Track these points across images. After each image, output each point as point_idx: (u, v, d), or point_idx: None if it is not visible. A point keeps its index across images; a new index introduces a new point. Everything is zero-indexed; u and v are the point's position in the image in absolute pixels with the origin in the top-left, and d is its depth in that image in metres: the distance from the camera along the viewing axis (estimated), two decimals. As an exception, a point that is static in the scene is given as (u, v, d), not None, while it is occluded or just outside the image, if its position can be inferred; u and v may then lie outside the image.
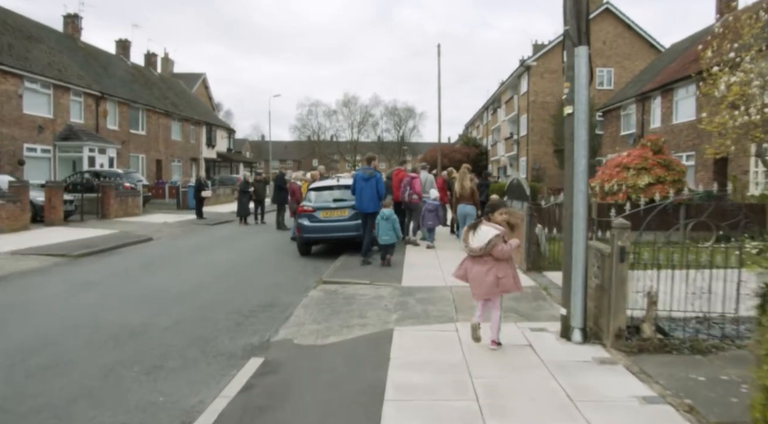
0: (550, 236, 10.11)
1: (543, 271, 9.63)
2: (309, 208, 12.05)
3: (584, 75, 5.60)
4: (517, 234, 10.38)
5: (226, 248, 14.11)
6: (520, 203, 10.91)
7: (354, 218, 11.84)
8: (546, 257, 9.88)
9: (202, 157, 46.00)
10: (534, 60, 37.00)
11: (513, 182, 12.03)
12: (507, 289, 5.46)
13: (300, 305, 7.61)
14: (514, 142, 42.37)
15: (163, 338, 6.26)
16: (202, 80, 58.99)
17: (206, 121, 46.59)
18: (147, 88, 39.20)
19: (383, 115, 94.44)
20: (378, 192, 10.93)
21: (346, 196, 12.28)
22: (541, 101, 37.10)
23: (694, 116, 22.03)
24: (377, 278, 9.30)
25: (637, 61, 36.28)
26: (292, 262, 11.82)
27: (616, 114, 30.07)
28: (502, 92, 47.94)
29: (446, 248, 12.87)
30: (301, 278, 9.90)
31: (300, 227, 12.10)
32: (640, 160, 13.11)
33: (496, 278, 5.37)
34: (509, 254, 5.40)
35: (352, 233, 11.87)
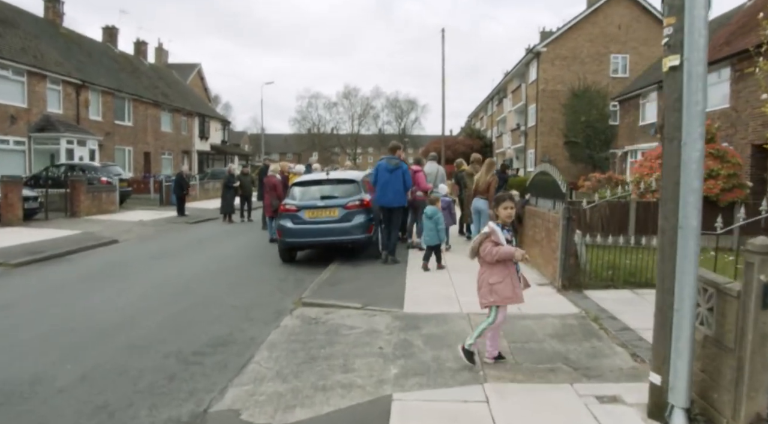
0: (589, 243, 8.06)
1: (583, 289, 7.60)
2: (292, 207, 10.03)
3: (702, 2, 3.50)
4: (546, 241, 8.36)
5: (198, 253, 12.10)
6: (551, 202, 8.87)
7: (346, 219, 9.84)
8: (586, 272, 7.85)
9: (194, 150, 43.98)
10: (544, 46, 34.84)
11: (540, 175, 10.02)
12: (504, 298, 4.73)
13: (265, 344, 5.60)
14: (522, 134, 40.27)
15: (45, 408, 4.25)
16: (197, 71, 56.86)
17: (199, 112, 44.53)
18: (135, 77, 37.14)
19: (384, 107, 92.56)
20: (405, 184, 9.92)
21: (337, 192, 10.27)
22: (551, 90, 34.96)
23: (727, 103, 19.94)
24: (372, 298, 7.28)
25: (654, 46, 34.02)
26: (271, 272, 9.81)
27: (635, 103, 27.95)
28: (508, 81, 45.78)
29: (456, 252, 10.86)
30: (277, 297, 7.89)
31: (281, 230, 10.09)
32: (686, 150, 11.06)
33: (488, 285, 4.78)
34: (494, 257, 4.66)
35: (343, 237, 9.87)
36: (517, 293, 4.77)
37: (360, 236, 9.89)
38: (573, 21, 34.46)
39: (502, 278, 4.70)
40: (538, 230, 9.14)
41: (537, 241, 9.19)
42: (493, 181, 10.42)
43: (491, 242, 4.69)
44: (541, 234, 8.81)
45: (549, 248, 8.31)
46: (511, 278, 4.73)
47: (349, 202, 9.94)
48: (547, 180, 10.06)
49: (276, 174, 12.99)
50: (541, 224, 8.84)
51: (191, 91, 48.61)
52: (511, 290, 4.71)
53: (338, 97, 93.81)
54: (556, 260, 7.88)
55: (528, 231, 9.96)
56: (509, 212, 4.80)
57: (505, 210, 4.78)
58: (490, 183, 10.37)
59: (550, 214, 8.40)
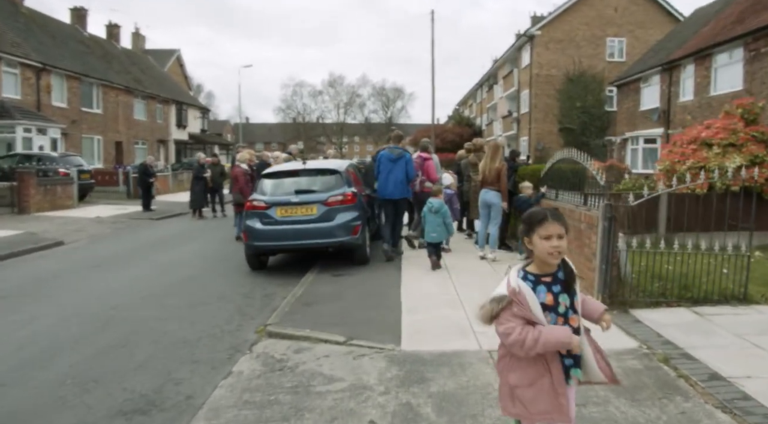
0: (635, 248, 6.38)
1: (629, 308, 5.96)
2: (260, 203, 8.26)
3: None
4: (576, 247, 6.69)
5: (151, 258, 10.26)
6: (577, 196, 7.18)
7: (327, 218, 8.11)
8: (630, 285, 6.19)
9: (171, 139, 41.83)
10: (538, 29, 33.13)
11: (560, 163, 8.34)
12: (537, 413, 2.47)
13: (205, 409, 3.87)
14: (514, 121, 38.64)
15: None
16: (176, 57, 54.31)
17: (176, 99, 42.32)
18: (106, 61, 34.87)
19: (371, 95, 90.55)
20: (407, 175, 9.06)
21: (316, 185, 8.52)
22: (545, 74, 33.30)
23: (740, 85, 18.40)
24: (359, 326, 5.57)
25: (651, 29, 32.57)
26: (235, 284, 8.05)
27: (635, 87, 26.38)
28: (499, 67, 44.06)
29: (458, 252, 9.17)
30: (237, 322, 6.15)
31: (247, 232, 8.32)
32: (726, 134, 9.43)
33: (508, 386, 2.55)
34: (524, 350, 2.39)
35: (323, 239, 8.14)
36: (562, 407, 2.46)
37: (344, 239, 8.17)
38: (568, 3, 32.78)
39: (533, 379, 2.48)
40: (561, 230, 7.45)
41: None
42: (503, 168, 8.72)
43: (516, 318, 2.43)
44: (569, 235, 7.12)
45: (580, 254, 6.64)
46: (551, 378, 2.47)
47: (331, 197, 8.20)
48: (573, 169, 8.39)
49: (242, 164, 11.14)
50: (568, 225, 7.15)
51: (168, 78, 46.28)
52: (550, 400, 2.46)
53: (323, 86, 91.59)
54: (593, 271, 6.22)
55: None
56: (555, 246, 2.49)
57: (546, 241, 2.49)
58: (500, 170, 8.66)
59: (581, 211, 6.72)
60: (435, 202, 8.43)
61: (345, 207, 8.21)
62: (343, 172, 8.59)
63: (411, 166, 9.06)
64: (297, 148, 13.84)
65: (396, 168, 8.90)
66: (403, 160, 8.94)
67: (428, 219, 8.35)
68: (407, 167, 8.95)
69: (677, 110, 22.43)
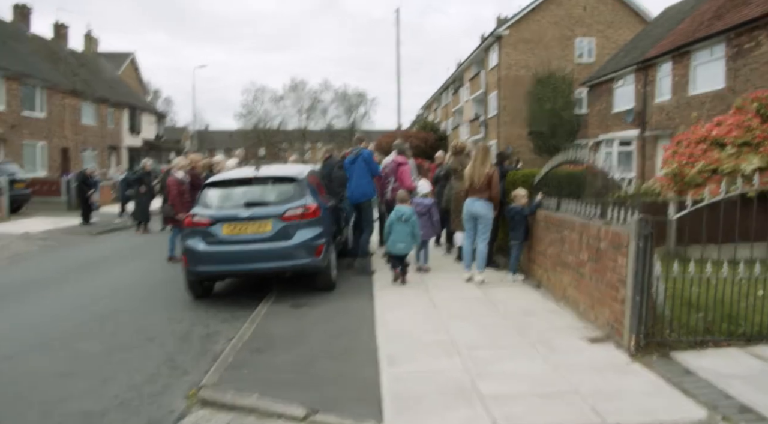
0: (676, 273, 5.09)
1: (670, 350, 4.68)
2: (203, 219, 6.75)
3: None
4: (594, 269, 5.42)
5: (74, 284, 8.57)
6: (593, 206, 5.87)
7: (283, 236, 6.66)
8: (667, 319, 4.92)
9: (123, 146, 39.50)
10: (506, 28, 32.24)
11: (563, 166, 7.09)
12: None
13: None
14: (481, 124, 37.67)
15: None
16: (131, 60, 51.77)
17: (129, 103, 40.01)
18: (51, 62, 32.47)
19: (333, 101, 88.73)
20: (371, 173, 8.44)
21: (270, 196, 7.05)
22: (514, 76, 32.41)
23: (722, 84, 17.65)
24: (324, 387, 4.15)
25: (620, 30, 32.08)
26: (169, 319, 6.50)
27: (607, 88, 25.63)
28: (465, 69, 43.15)
29: (440, 272, 7.81)
30: (161, 380, 4.64)
31: (187, 255, 6.79)
32: (740, 132, 8.34)
33: None
34: None
35: (279, 263, 6.68)
36: None
37: (305, 261, 6.72)
38: (537, 1, 32.00)
39: None
40: (569, 247, 6.18)
41: (567, 264, 6.24)
42: (494, 173, 7.42)
43: None
44: (580, 256, 5.85)
45: (600, 281, 5.35)
46: None
47: (288, 210, 6.74)
48: (570, 173, 7.15)
49: (178, 172, 9.50)
50: (579, 241, 5.88)
51: (121, 82, 43.85)
52: None
53: (285, 91, 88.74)
54: (618, 303, 4.93)
55: (546, 248, 7.00)
56: None
57: None
58: (491, 176, 7.36)
59: (599, 227, 5.43)
60: (405, 210, 7.56)
61: (306, 223, 6.77)
62: (304, 180, 7.15)
63: (372, 163, 8.44)
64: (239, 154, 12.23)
65: (355, 169, 8.33)
66: (360, 158, 8.32)
67: (395, 228, 7.50)
68: (367, 165, 8.32)
69: (654, 111, 21.68)
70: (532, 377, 4.29)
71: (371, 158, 8.40)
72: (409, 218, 7.57)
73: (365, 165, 8.28)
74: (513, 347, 5.00)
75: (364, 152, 8.35)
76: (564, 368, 4.43)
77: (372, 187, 8.44)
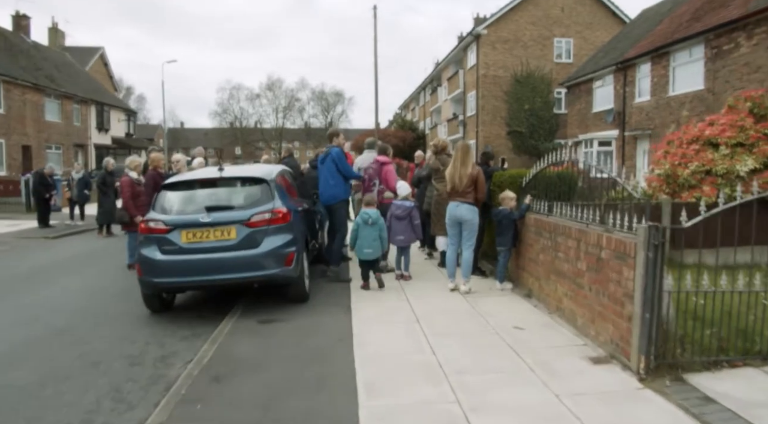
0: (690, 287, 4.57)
1: (682, 372, 4.17)
2: (159, 225, 6.05)
3: None
4: (594, 280, 4.90)
5: (19, 297, 7.71)
6: (592, 210, 5.33)
7: (249, 244, 6.00)
8: (678, 336, 4.40)
9: (91, 143, 38.11)
10: (484, 27, 31.87)
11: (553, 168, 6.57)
12: None
13: None
14: (460, 124, 37.29)
15: None
16: (100, 55, 50.12)
17: (96, 100, 38.62)
18: (10, 55, 31.07)
19: (310, 100, 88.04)
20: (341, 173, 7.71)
21: (235, 199, 6.37)
22: (492, 75, 32.05)
23: (702, 85, 17.44)
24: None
25: (598, 31, 31.96)
26: (120, 339, 5.78)
27: (586, 88, 25.40)
28: (443, 69, 42.76)
29: (422, 281, 7.23)
30: (104, 417, 3.96)
31: (142, 265, 6.08)
32: (734, 132, 7.93)
33: None
34: None
35: (245, 273, 6.01)
36: None
37: (274, 271, 6.07)
38: (515, 1, 31.70)
39: None
40: (564, 255, 5.65)
41: (563, 273, 5.70)
42: (479, 174, 6.87)
43: None
44: (578, 265, 5.31)
45: (602, 294, 4.82)
46: None
47: (255, 215, 6.08)
48: (561, 174, 6.62)
49: (131, 172, 8.73)
50: (577, 248, 5.34)
51: (89, 77, 42.37)
52: None
53: (261, 89, 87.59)
54: (626, 320, 4.40)
55: (537, 254, 6.46)
56: None
57: None
58: (476, 177, 6.80)
59: (599, 233, 4.90)
60: (372, 213, 7.19)
61: (275, 228, 6.11)
62: (273, 181, 6.48)
63: (341, 162, 7.71)
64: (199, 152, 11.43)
65: (324, 169, 7.73)
66: (329, 157, 7.70)
67: (361, 232, 7.15)
68: (336, 164, 7.65)
69: (633, 111, 21.45)
70: (533, 408, 3.73)
71: (341, 157, 7.71)
72: (376, 221, 7.15)
73: (334, 165, 7.64)
74: (508, 370, 4.44)
75: (332, 151, 7.69)
76: (567, 397, 3.88)
77: (343, 188, 7.77)
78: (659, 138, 19.63)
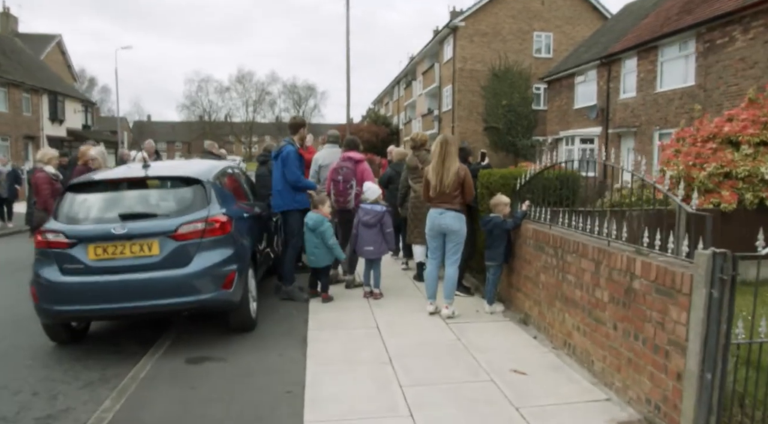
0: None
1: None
2: (59, 238, 4.68)
3: None
4: (621, 314, 3.71)
5: None
6: (612, 222, 4.16)
7: (176, 262, 4.68)
8: (738, 396, 3.25)
9: (43, 135, 35.87)
10: (462, 20, 30.76)
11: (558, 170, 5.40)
12: None
13: None
14: (435, 119, 36.19)
15: None
16: (57, 43, 47.55)
17: (49, 89, 36.39)
18: (-48, 39, 28.92)
19: (281, 93, 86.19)
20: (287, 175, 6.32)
21: (159, 205, 5.01)
22: (469, 69, 30.99)
23: (693, 81, 16.57)
24: None
25: (579, 26, 31.16)
26: (9, 380, 4.44)
27: (568, 83, 24.49)
28: (418, 62, 41.57)
29: (395, 298, 6.01)
30: None
31: (37, 287, 4.72)
32: (757, 129, 6.88)
33: None
34: None
35: (169, 299, 4.68)
36: None
37: (207, 296, 4.76)
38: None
39: None
40: (575, 278, 4.47)
41: (573, 301, 4.52)
42: (466, 174, 5.65)
43: None
44: (596, 293, 4.14)
45: (634, 334, 3.65)
46: None
47: (183, 225, 4.75)
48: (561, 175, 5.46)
49: (47, 167, 7.34)
50: (595, 272, 4.16)
51: (43, 65, 40.00)
52: None
53: (231, 82, 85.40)
54: (672, 376, 3.23)
55: (537, 273, 5.27)
56: None
57: None
58: (464, 177, 5.59)
59: (629, 254, 3.73)
60: (312, 217, 6.24)
61: (211, 242, 4.81)
62: (209, 182, 5.15)
63: (291, 163, 6.27)
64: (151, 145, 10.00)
65: (276, 169, 6.43)
66: (280, 157, 6.37)
67: (306, 236, 6.32)
68: (286, 166, 6.28)
69: (617, 108, 20.57)
70: None
71: (291, 160, 6.27)
72: (316, 227, 6.16)
73: (284, 165, 6.30)
74: (514, 446, 3.23)
75: (284, 149, 6.33)
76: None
77: (291, 196, 6.35)
78: (645, 136, 18.81)
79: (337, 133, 7.74)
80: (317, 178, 7.35)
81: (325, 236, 6.17)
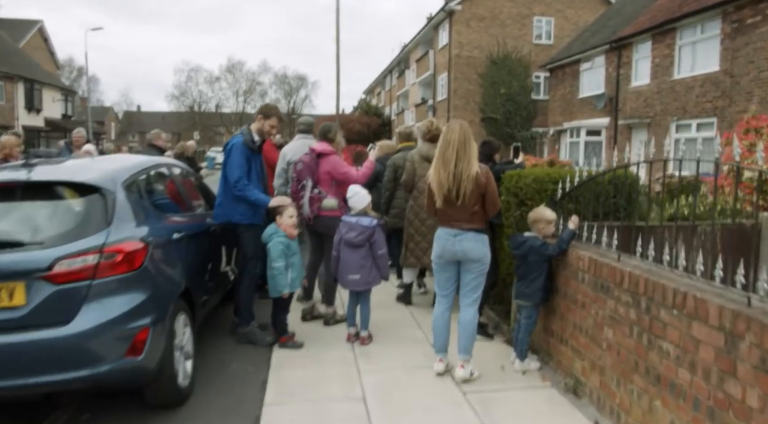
0: None
1: None
2: None
3: None
4: None
5: None
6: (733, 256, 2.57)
7: (53, 316, 2.99)
8: None
9: (19, 125, 33.87)
10: (458, 2, 28.95)
11: (620, 170, 3.81)
12: None
13: None
14: (429, 109, 34.41)
15: None
16: (39, 29, 45.46)
17: (25, 76, 34.37)
18: None
19: (272, 83, 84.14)
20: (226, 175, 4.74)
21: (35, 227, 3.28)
22: (466, 56, 29.22)
23: (717, 66, 14.96)
24: None
25: (581, 10, 29.45)
26: None
27: (572, 71, 22.84)
28: (411, 50, 39.72)
29: (391, 346, 4.38)
30: None
31: None
32: None
33: None
34: None
35: (41, 377, 2.99)
36: None
37: (102, 369, 3.08)
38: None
39: None
40: (680, 350, 2.83)
41: (670, 383, 2.88)
42: (489, 179, 3.98)
43: None
44: (724, 384, 2.49)
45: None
46: None
47: (61, 259, 3.06)
48: (613, 179, 3.85)
49: None
50: (725, 349, 2.52)
51: (17, 51, 37.90)
52: None
53: (221, 72, 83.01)
54: None
55: (596, 324, 3.63)
56: None
57: None
58: (486, 186, 3.93)
59: None
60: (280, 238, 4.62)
61: (107, 283, 3.13)
62: (114, 189, 3.46)
63: (234, 161, 4.66)
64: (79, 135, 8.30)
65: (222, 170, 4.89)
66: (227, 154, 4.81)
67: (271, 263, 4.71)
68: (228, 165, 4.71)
69: (628, 97, 18.95)
70: None
71: (234, 151, 4.68)
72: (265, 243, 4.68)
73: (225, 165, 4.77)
74: None
75: (230, 142, 4.74)
76: None
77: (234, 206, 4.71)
78: (660, 127, 17.22)
79: (310, 120, 6.05)
80: (285, 178, 5.69)
81: (270, 256, 4.54)
